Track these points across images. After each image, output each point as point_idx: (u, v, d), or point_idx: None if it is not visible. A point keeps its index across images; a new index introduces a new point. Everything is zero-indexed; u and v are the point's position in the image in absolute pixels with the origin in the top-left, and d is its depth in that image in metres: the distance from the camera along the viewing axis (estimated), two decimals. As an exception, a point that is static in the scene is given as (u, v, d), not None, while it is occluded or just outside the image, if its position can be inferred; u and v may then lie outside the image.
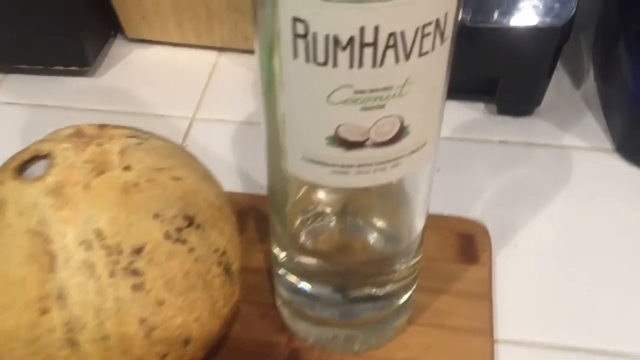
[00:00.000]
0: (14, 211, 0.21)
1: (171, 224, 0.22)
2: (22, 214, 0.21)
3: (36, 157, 0.22)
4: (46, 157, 0.22)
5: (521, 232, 0.33)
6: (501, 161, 0.36)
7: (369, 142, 0.19)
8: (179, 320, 0.22)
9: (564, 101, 0.39)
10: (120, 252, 0.21)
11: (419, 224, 0.26)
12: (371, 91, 0.18)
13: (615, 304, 0.30)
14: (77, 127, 0.23)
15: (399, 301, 0.27)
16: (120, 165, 0.22)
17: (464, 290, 0.29)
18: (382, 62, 0.17)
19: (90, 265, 0.21)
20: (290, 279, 0.26)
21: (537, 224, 0.33)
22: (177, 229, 0.22)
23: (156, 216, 0.22)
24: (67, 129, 0.24)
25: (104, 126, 0.24)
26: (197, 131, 0.39)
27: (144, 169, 0.22)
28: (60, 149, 0.22)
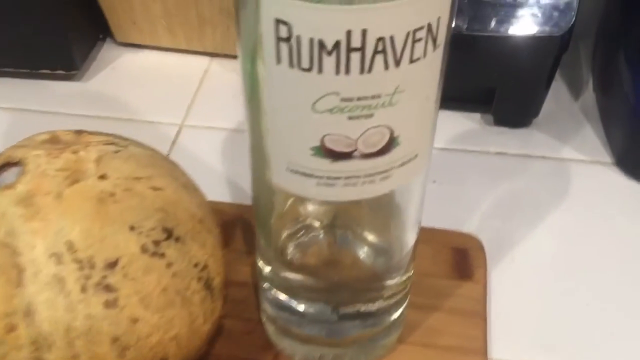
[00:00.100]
0: (-19, 221, 0.20)
1: (148, 236, 0.21)
2: (-10, 224, 0.20)
3: (8, 164, 0.21)
4: (18, 164, 0.21)
5: (517, 247, 0.32)
6: (497, 173, 0.35)
7: (357, 153, 0.18)
8: (154, 339, 0.21)
9: (563, 112, 0.39)
10: (92, 266, 0.20)
11: (411, 238, 0.25)
12: (359, 99, 0.17)
13: (615, 321, 0.29)
14: (53, 132, 0.22)
15: (390, 318, 0.26)
16: (95, 173, 0.21)
17: (458, 307, 0.29)
18: (370, 69, 0.17)
19: (60, 279, 0.19)
20: (275, 295, 0.25)
21: (534, 238, 0.32)
22: (155, 242, 0.21)
23: (132, 228, 0.21)
24: (42, 134, 0.23)
25: (80, 132, 0.23)
26: (185, 138, 0.38)
27: (120, 178, 0.21)
28: (32, 155, 0.21)
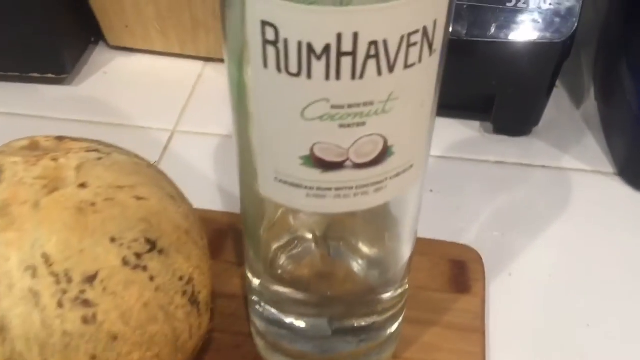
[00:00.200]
0: (-46, 231, 0.19)
1: (130, 248, 0.20)
2: (-37, 235, 0.19)
3: (-16, 172, 0.20)
4: (-6, 171, 0.20)
5: (517, 259, 0.31)
6: (497, 183, 0.35)
7: (349, 163, 0.18)
8: (135, 356, 0.20)
9: (564, 121, 0.38)
10: (69, 280, 0.19)
11: (406, 250, 0.24)
12: (350, 106, 0.16)
13: (617, 339, 0.28)
14: (32, 138, 0.21)
15: (385, 333, 0.26)
16: (75, 182, 0.20)
17: (455, 322, 0.28)
18: (362, 74, 0.16)
19: (35, 294, 0.18)
20: (265, 309, 0.24)
21: (533, 251, 0.32)
22: (137, 255, 0.20)
23: (113, 240, 0.20)
24: (21, 140, 0.22)
25: (62, 138, 0.22)
26: (177, 144, 0.37)
27: (102, 186, 0.20)
28: (9, 162, 0.20)
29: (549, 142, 0.37)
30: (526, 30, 0.33)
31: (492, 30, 0.33)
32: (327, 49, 0.15)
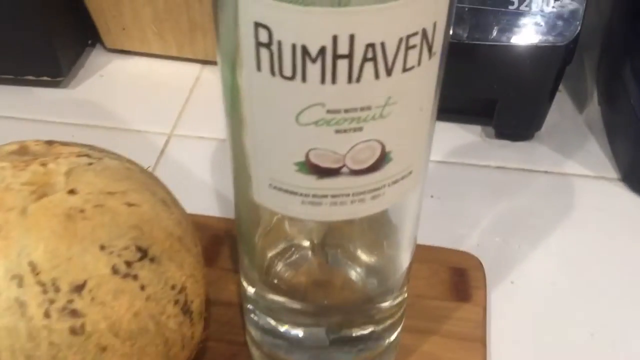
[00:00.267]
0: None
1: (120, 256, 0.19)
2: (-52, 242, 0.18)
3: (-29, 177, 0.20)
4: (-19, 177, 0.19)
5: (519, 266, 0.31)
6: (498, 188, 0.34)
7: (345, 169, 0.17)
8: (125, 368, 0.19)
9: (566, 126, 0.38)
10: (57, 290, 0.18)
11: (406, 257, 0.23)
12: (346, 111, 0.16)
13: (622, 349, 0.28)
14: (22, 143, 0.21)
15: (383, 343, 0.25)
16: (65, 188, 0.20)
17: (455, 331, 0.27)
18: (359, 78, 0.15)
19: (21, 304, 0.18)
20: (260, 318, 0.24)
21: (536, 258, 0.31)
22: (127, 263, 0.19)
23: (103, 247, 0.19)
24: (10, 144, 0.21)
25: (52, 143, 0.21)
26: (174, 148, 0.37)
27: (92, 192, 0.20)
28: (-4, 168, 0.19)
29: (552, 147, 0.36)
30: (528, 33, 0.32)
31: (494, 33, 0.32)
32: (322, 51, 0.15)
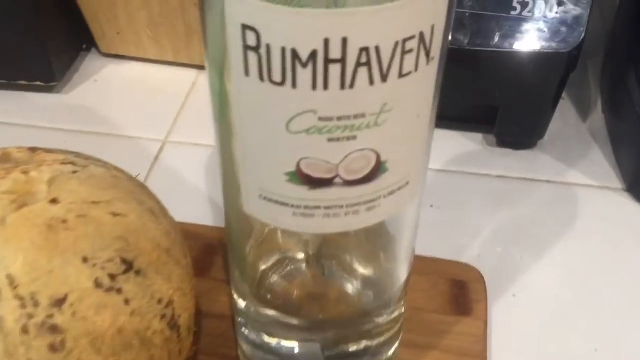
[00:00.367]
0: None
1: (104, 269, 0.18)
2: None
3: (-50, 185, 0.19)
4: (-40, 185, 0.19)
5: (521, 279, 0.30)
6: (500, 198, 0.34)
7: (338, 179, 0.16)
8: (107, 386, 0.18)
9: (570, 134, 0.37)
10: (36, 304, 0.17)
11: (403, 269, 0.23)
12: (339, 119, 0.15)
13: (626, 365, 0.27)
14: (4, 150, 0.20)
15: (381, 358, 0.24)
16: (47, 197, 0.19)
17: (455, 346, 0.27)
18: (352, 84, 0.14)
19: (-2, 318, 0.17)
20: (251, 332, 0.23)
21: (538, 270, 0.30)
22: (111, 276, 0.19)
23: (85, 260, 0.18)
24: (-8, 152, 0.20)
25: (35, 150, 0.20)
26: (168, 155, 0.36)
27: (75, 202, 0.19)
28: (-24, 176, 0.19)
29: (555, 156, 0.36)
30: (531, 39, 0.32)
31: (496, 39, 0.32)
32: (313, 55, 0.14)
